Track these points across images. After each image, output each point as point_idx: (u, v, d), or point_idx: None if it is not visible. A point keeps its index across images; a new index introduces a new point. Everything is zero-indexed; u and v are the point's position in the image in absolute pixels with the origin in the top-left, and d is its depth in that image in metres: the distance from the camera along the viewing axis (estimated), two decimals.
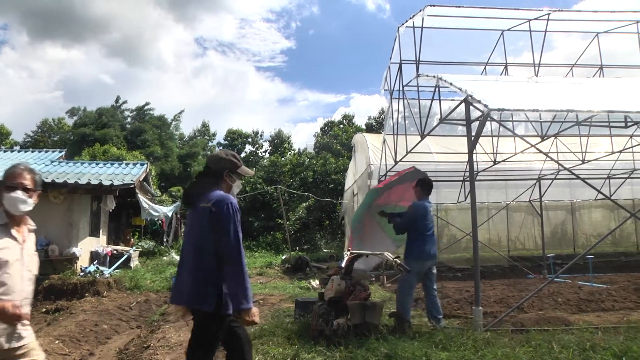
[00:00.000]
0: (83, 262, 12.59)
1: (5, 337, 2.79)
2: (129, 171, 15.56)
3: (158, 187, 26.77)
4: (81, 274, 11.71)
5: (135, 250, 15.83)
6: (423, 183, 6.69)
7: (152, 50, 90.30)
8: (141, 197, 16.22)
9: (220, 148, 45.65)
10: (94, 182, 12.52)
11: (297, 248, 21.39)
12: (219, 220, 3.21)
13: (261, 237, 24.95)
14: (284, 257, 18.06)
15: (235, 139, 49.94)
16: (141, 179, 15.85)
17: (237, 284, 3.14)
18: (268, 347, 5.35)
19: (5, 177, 3.00)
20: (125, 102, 47.77)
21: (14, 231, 2.93)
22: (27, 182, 2.98)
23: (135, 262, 15.06)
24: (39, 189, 3.08)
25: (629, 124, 10.06)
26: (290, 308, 7.74)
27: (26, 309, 2.89)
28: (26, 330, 2.92)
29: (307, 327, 5.96)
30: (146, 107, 47.85)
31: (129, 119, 47.35)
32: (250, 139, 50.54)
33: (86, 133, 39.54)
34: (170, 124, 48.89)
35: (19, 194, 2.91)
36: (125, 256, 14.13)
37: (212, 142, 52.02)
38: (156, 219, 19.22)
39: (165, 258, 17.48)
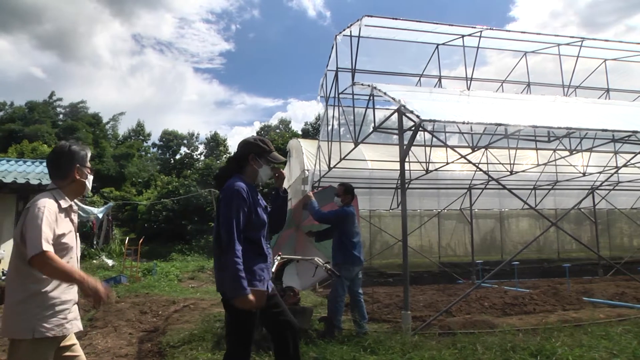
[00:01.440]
0: (6, 265, 11.92)
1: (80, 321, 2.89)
2: None
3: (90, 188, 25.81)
4: (3, 277, 11.09)
5: None
6: (349, 190, 6.80)
7: (87, 45, 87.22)
8: None
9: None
10: (21, 181, 11.89)
11: None
12: (219, 207, 3.29)
13: (194, 240, 24.55)
14: None
15: (170, 140, 49.12)
16: None
17: (226, 272, 3.14)
18: (197, 353, 5.28)
19: (82, 157, 2.95)
20: (60, 99, 45.93)
21: (72, 214, 2.92)
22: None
23: None
24: None
25: (551, 138, 10.68)
26: (221, 313, 7.62)
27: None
28: None
29: None
30: (80, 105, 46.21)
31: (61, 116, 45.54)
32: (185, 141, 49.86)
33: (14, 129, 37.65)
34: (105, 123, 47.39)
35: (91, 178, 3.00)
36: None
37: (147, 142, 50.86)
38: (86, 221, 18.52)
39: (95, 261, 16.86)
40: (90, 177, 2.99)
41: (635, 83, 12.57)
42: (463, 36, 10.51)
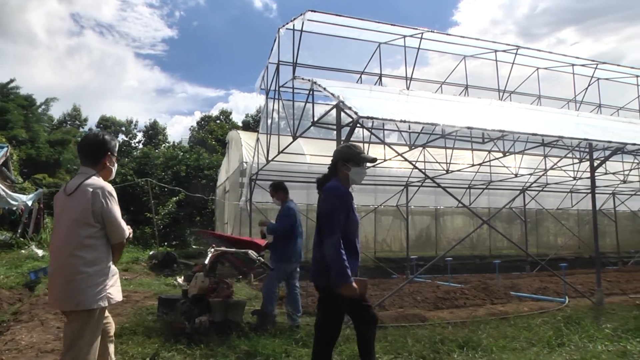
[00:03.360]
0: None
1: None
2: None
3: (20, 174, 24.53)
4: None
5: None
6: (278, 186, 6.82)
7: (19, 21, 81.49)
8: None
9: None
10: None
11: (166, 244, 20.85)
12: (324, 208, 3.68)
13: None
14: (151, 253, 17.37)
15: (108, 126, 47.40)
16: None
17: (332, 264, 3.46)
18: (127, 347, 5.14)
19: (113, 146, 3.28)
20: None
21: None
22: None
23: None
24: None
25: (486, 140, 11.10)
26: (154, 305, 7.48)
27: None
28: None
29: (169, 325, 5.83)
30: (11, 85, 43.64)
31: None
32: (124, 128, 48.39)
33: None
34: (38, 106, 45.04)
35: (116, 166, 3.37)
36: None
37: (83, 128, 48.85)
38: (15, 208, 17.57)
39: (24, 251, 16.04)
40: (116, 165, 3.33)
41: (563, 91, 13.35)
42: (405, 36, 10.71)
